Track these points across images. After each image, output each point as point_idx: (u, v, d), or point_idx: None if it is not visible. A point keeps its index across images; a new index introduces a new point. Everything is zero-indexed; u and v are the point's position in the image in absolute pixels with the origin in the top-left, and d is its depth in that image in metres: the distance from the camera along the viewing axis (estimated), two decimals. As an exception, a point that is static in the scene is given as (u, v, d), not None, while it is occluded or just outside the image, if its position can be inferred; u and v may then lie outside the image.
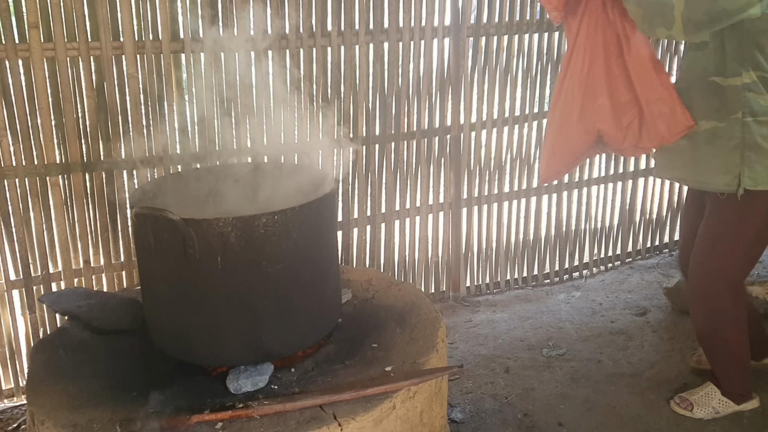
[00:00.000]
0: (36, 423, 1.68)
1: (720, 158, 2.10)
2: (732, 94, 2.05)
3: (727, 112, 2.07)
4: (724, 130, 2.08)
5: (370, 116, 3.07)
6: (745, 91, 2.03)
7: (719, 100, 2.08)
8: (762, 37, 1.97)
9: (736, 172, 2.08)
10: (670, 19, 1.85)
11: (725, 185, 2.11)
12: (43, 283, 2.66)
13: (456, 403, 2.61)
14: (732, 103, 2.05)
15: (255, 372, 1.77)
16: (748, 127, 2.04)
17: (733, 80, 2.03)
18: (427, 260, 3.47)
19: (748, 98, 2.03)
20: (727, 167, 2.09)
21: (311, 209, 1.77)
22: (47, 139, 2.53)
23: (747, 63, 2.01)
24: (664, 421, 2.48)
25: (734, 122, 2.06)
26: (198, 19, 2.62)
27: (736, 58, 2.01)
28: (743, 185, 2.07)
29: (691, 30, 1.89)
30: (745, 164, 2.06)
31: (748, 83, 2.02)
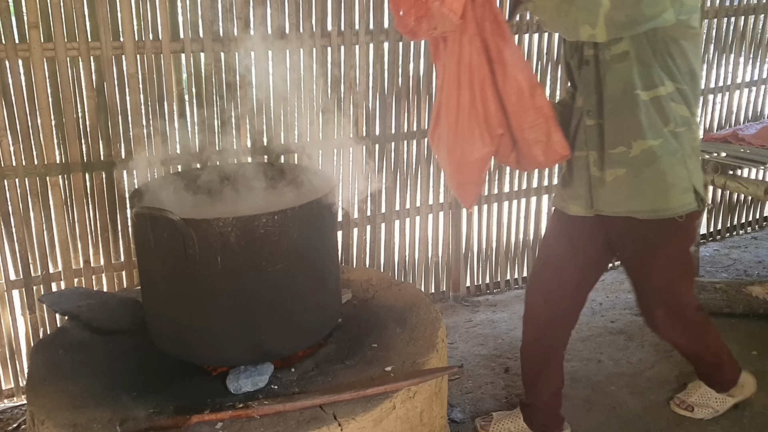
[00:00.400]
0: (36, 423, 1.68)
1: (670, 178, 1.94)
2: (659, 106, 1.91)
3: (659, 126, 1.92)
4: (662, 146, 1.92)
5: (370, 116, 3.07)
6: (669, 101, 1.91)
7: (648, 116, 1.91)
8: (673, 45, 1.86)
9: (690, 186, 1.96)
10: (595, 17, 1.74)
11: (687, 205, 1.96)
12: (43, 283, 2.66)
13: (456, 403, 2.61)
14: (661, 116, 1.92)
15: (255, 372, 1.77)
16: (682, 138, 1.94)
17: (657, 91, 1.90)
18: (427, 260, 3.47)
19: (673, 108, 1.92)
20: (682, 185, 1.95)
21: (311, 209, 1.77)
22: (47, 139, 2.53)
23: (664, 73, 1.90)
24: (664, 421, 2.48)
25: (669, 135, 1.93)
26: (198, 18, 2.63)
27: (655, 67, 1.89)
28: (702, 197, 1.98)
29: (612, 31, 1.78)
30: (693, 175, 1.97)
31: (670, 93, 1.91)
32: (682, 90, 1.92)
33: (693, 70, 1.93)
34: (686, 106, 1.94)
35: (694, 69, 1.93)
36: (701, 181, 2.01)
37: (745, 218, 4.38)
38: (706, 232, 4.21)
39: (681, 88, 1.92)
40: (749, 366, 2.80)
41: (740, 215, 4.35)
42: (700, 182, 2.00)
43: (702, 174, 2.04)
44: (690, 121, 1.96)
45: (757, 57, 4.10)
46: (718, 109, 4.10)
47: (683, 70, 1.91)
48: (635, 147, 1.92)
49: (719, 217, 4.28)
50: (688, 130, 1.96)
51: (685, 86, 1.92)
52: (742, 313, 3.20)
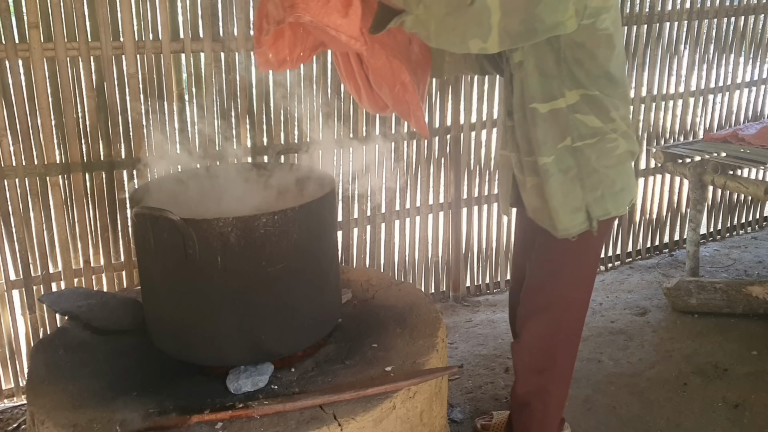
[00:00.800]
0: (36, 423, 1.68)
1: (556, 199, 1.82)
2: (557, 119, 1.77)
3: (552, 142, 1.79)
4: (553, 163, 1.80)
5: (370, 116, 3.07)
6: (571, 113, 1.76)
7: (543, 131, 1.79)
8: (579, 51, 1.70)
9: (583, 206, 1.82)
10: (486, 29, 1.57)
11: (578, 225, 1.83)
12: (43, 283, 2.66)
13: (456, 403, 2.61)
14: (557, 131, 1.78)
15: (255, 372, 1.77)
16: (582, 153, 1.79)
17: (555, 103, 1.76)
18: (427, 260, 3.47)
19: (575, 121, 1.77)
20: (572, 205, 1.82)
21: (311, 209, 1.77)
22: (47, 139, 2.53)
23: (568, 82, 1.74)
24: (664, 421, 2.48)
25: (563, 151, 1.79)
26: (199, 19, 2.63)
27: (556, 77, 1.74)
28: (595, 218, 1.82)
29: (507, 42, 1.62)
30: (589, 195, 1.81)
31: (572, 104, 1.76)
32: (593, 97, 1.76)
33: (609, 74, 1.75)
34: (596, 116, 1.78)
35: (611, 72, 1.75)
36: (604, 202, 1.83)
37: (745, 218, 4.38)
38: (706, 232, 4.22)
39: (591, 95, 1.76)
40: (749, 366, 2.81)
41: (740, 215, 4.36)
42: (600, 200, 1.82)
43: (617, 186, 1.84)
44: (603, 131, 1.79)
45: (757, 57, 4.10)
46: (718, 109, 4.10)
47: (595, 75, 1.74)
48: (540, 160, 1.82)
49: (719, 217, 4.29)
50: (601, 140, 1.80)
51: (598, 92, 1.76)
52: (742, 313, 3.20)
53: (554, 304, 1.97)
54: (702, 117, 4.04)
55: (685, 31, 3.81)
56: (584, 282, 1.98)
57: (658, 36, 3.70)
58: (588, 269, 1.97)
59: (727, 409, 2.54)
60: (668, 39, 3.75)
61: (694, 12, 3.76)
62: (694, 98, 3.97)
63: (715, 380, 2.73)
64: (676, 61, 3.83)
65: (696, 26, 3.81)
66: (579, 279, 1.96)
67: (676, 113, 3.96)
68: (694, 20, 3.79)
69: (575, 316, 2.00)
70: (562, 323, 1.98)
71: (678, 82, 3.90)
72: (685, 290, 3.27)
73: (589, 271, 1.97)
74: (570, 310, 1.98)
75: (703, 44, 3.89)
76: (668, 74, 3.83)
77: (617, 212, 1.87)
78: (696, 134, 4.03)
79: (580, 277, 1.96)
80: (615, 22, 1.72)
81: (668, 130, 3.96)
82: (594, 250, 1.95)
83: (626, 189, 1.89)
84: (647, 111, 3.82)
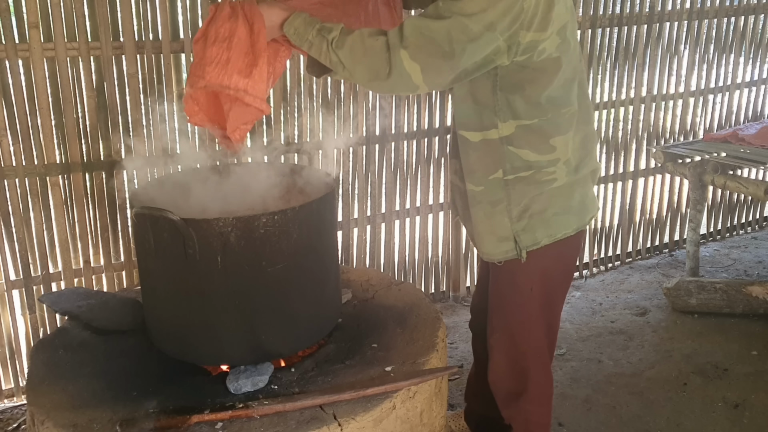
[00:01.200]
0: (36, 423, 1.68)
1: (489, 224, 1.77)
2: (487, 150, 1.69)
3: (483, 172, 1.72)
4: (483, 194, 1.74)
5: (370, 116, 3.07)
6: (504, 145, 1.67)
7: (476, 160, 1.72)
8: (519, 76, 1.60)
9: (510, 236, 1.75)
10: (413, 87, 1.54)
11: (503, 254, 1.78)
12: (43, 283, 2.66)
13: (456, 403, 2.61)
14: (489, 162, 1.70)
15: (255, 372, 1.77)
16: (513, 186, 1.70)
17: (488, 134, 1.67)
18: (427, 260, 3.47)
19: (508, 153, 1.67)
20: (501, 234, 1.76)
21: (311, 209, 1.77)
22: (47, 139, 2.53)
23: (502, 113, 1.64)
24: (664, 421, 2.48)
25: (494, 183, 1.71)
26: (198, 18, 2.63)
27: (490, 106, 1.64)
28: (523, 247, 1.74)
29: (439, 87, 1.60)
30: (516, 225, 1.74)
31: (506, 136, 1.66)
32: (530, 127, 1.65)
33: (552, 97, 1.64)
34: (531, 149, 1.67)
35: (554, 96, 1.64)
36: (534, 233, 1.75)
37: (745, 218, 4.38)
38: (706, 232, 4.22)
39: (527, 124, 1.65)
40: (749, 366, 2.81)
41: (740, 215, 4.36)
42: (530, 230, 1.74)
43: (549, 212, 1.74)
44: (539, 164, 1.69)
45: (757, 57, 4.10)
46: (718, 109, 4.11)
47: (535, 102, 1.63)
48: (467, 187, 1.79)
49: (719, 217, 4.29)
50: (536, 173, 1.69)
51: (537, 119, 1.65)
52: (742, 313, 3.20)
53: (509, 325, 1.90)
54: (702, 117, 4.04)
55: (685, 31, 3.81)
56: (530, 304, 1.85)
57: (658, 36, 3.70)
58: (527, 292, 1.83)
59: (727, 409, 2.54)
60: (668, 39, 3.75)
61: (694, 12, 3.76)
62: (694, 98, 3.97)
63: (715, 380, 2.73)
64: (676, 61, 3.83)
65: (696, 26, 3.81)
66: (523, 301, 1.85)
67: (676, 113, 3.96)
68: (694, 20, 3.79)
69: (535, 336, 1.90)
70: (522, 345, 1.91)
71: (678, 82, 3.90)
72: (685, 290, 3.28)
73: (533, 292, 1.83)
74: (528, 332, 1.89)
75: (703, 44, 3.89)
76: (668, 74, 3.83)
77: (551, 240, 1.75)
78: (696, 134, 4.03)
79: (522, 300, 1.85)
80: (562, 44, 1.59)
81: (668, 130, 3.96)
82: (533, 274, 1.81)
83: (562, 213, 1.76)
84: (647, 111, 3.82)
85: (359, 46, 1.53)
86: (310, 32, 1.58)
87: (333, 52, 1.55)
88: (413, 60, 1.49)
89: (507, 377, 1.97)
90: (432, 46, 1.48)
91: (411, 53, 1.49)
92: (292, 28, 1.60)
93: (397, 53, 1.49)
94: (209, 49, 1.65)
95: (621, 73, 3.69)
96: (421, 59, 1.49)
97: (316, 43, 1.57)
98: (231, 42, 1.64)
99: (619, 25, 3.58)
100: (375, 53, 1.51)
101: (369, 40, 1.52)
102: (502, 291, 1.89)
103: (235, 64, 1.63)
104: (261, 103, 1.67)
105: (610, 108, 3.73)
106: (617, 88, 3.71)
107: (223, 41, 1.64)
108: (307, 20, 1.60)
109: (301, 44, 1.61)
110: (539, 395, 1.98)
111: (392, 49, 1.49)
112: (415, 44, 1.48)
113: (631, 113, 3.81)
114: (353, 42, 1.53)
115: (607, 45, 3.59)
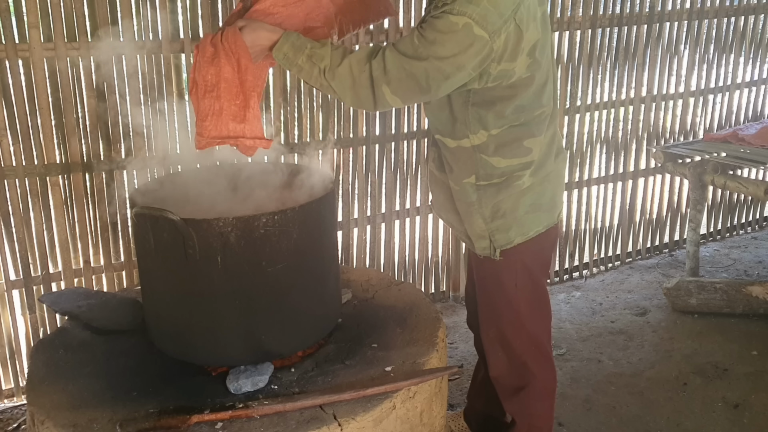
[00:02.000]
0: (36, 423, 1.68)
1: (468, 221, 1.85)
2: (462, 156, 1.77)
3: (459, 174, 1.80)
4: (460, 193, 1.82)
5: (370, 116, 3.07)
6: (477, 153, 1.74)
7: (452, 161, 1.81)
8: (491, 94, 1.67)
9: (486, 235, 1.82)
10: (390, 106, 1.66)
11: (482, 249, 1.85)
12: (43, 283, 2.66)
13: (456, 403, 2.61)
14: (464, 166, 1.78)
15: (255, 372, 1.77)
16: (485, 191, 1.78)
17: (461, 142, 1.75)
18: (427, 260, 3.47)
19: (481, 161, 1.75)
20: (478, 233, 1.83)
21: (311, 209, 1.77)
22: (47, 139, 2.53)
23: (473, 125, 1.71)
24: (664, 421, 2.48)
25: (467, 186, 1.79)
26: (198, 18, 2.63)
27: (461, 120, 1.72)
28: (498, 247, 1.82)
29: (410, 103, 1.77)
30: (490, 225, 1.80)
31: (477, 145, 1.73)
32: (502, 135, 1.72)
33: (523, 106, 1.70)
34: (503, 156, 1.74)
35: (525, 105, 1.70)
36: (507, 234, 1.81)
37: (745, 218, 4.38)
38: (706, 232, 4.22)
39: (498, 133, 1.71)
40: (749, 366, 2.81)
41: (740, 215, 4.36)
42: (501, 235, 1.81)
43: (521, 211, 1.80)
44: (511, 169, 1.75)
45: (757, 57, 4.10)
46: (718, 109, 4.11)
47: (508, 112, 1.69)
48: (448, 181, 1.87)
49: (719, 217, 4.29)
50: (508, 179, 1.76)
51: (508, 127, 1.71)
52: (742, 313, 3.20)
53: (500, 322, 1.93)
54: (702, 117, 4.04)
55: (685, 31, 3.81)
56: (517, 300, 1.89)
57: (658, 36, 3.70)
58: (512, 289, 1.88)
59: (727, 409, 2.54)
60: (668, 39, 3.75)
61: (694, 12, 3.76)
62: (694, 98, 3.97)
63: (715, 380, 2.73)
64: (676, 61, 3.83)
65: (696, 26, 3.81)
66: (510, 298, 1.89)
67: (676, 113, 3.96)
68: (694, 20, 3.79)
69: (528, 331, 1.93)
70: (516, 341, 1.93)
71: (678, 82, 3.90)
72: (685, 290, 3.28)
73: (518, 288, 1.88)
74: (520, 327, 1.92)
75: (703, 44, 3.89)
76: (668, 74, 3.83)
77: (524, 238, 1.82)
78: (696, 134, 4.03)
79: (509, 297, 1.89)
80: (532, 63, 1.64)
81: (668, 130, 3.96)
82: (515, 270, 1.86)
83: (532, 211, 1.82)
84: (647, 111, 3.82)
85: (348, 78, 1.63)
86: (299, 57, 1.65)
87: (324, 79, 1.64)
88: (394, 94, 1.62)
89: (508, 373, 1.99)
90: (411, 82, 1.60)
91: (392, 89, 1.61)
92: (281, 54, 1.66)
93: (380, 88, 1.61)
94: (201, 101, 1.68)
95: (621, 73, 3.69)
96: (401, 93, 1.62)
97: (306, 69, 1.65)
98: (219, 89, 1.67)
99: (619, 25, 3.58)
100: (362, 87, 1.62)
101: (356, 73, 1.62)
102: (489, 290, 1.95)
103: (228, 111, 1.68)
104: (261, 142, 1.73)
105: (610, 108, 3.73)
106: (617, 88, 3.71)
107: (212, 90, 1.67)
108: (295, 45, 1.65)
109: (290, 68, 1.68)
110: (541, 389, 2.01)
111: (376, 85, 1.61)
112: (396, 79, 1.60)
113: (631, 113, 3.81)
114: (342, 74, 1.63)
115: (607, 45, 3.59)
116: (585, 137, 3.68)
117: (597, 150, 3.76)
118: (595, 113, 3.69)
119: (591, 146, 3.72)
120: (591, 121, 3.68)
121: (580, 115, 3.61)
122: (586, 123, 3.65)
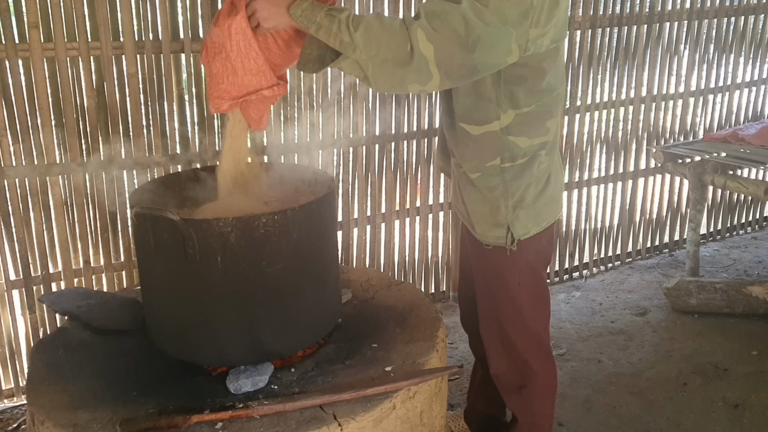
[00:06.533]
0: (36, 423, 1.68)
1: (486, 208, 1.80)
2: (488, 141, 1.73)
3: (480, 161, 1.76)
4: (479, 180, 1.78)
5: (370, 116, 3.07)
6: (504, 135, 1.71)
7: (474, 150, 1.76)
8: (523, 69, 1.64)
9: (505, 224, 1.78)
10: (426, 76, 1.52)
11: (495, 239, 1.81)
12: (43, 283, 2.66)
13: (456, 403, 2.61)
14: (487, 151, 1.74)
15: (255, 372, 1.77)
16: (509, 172, 1.75)
17: (490, 126, 1.71)
18: (427, 260, 3.47)
19: (508, 143, 1.72)
20: (495, 220, 1.79)
21: (311, 209, 1.77)
22: (47, 139, 2.53)
23: (504, 104, 1.68)
24: (664, 421, 2.49)
25: (491, 170, 1.75)
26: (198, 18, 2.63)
27: (493, 99, 1.68)
28: (516, 237, 1.78)
29: (448, 84, 1.58)
30: (511, 214, 1.78)
31: (506, 126, 1.70)
32: (528, 114, 1.70)
33: (551, 84, 1.70)
34: (528, 135, 1.72)
35: (552, 82, 1.70)
36: (526, 222, 1.79)
37: (745, 218, 4.38)
38: (706, 232, 4.22)
39: (526, 112, 1.70)
40: (749, 366, 2.81)
41: (740, 215, 4.36)
42: (522, 222, 1.79)
43: (540, 202, 1.80)
44: (533, 149, 1.75)
45: (757, 57, 4.10)
46: (718, 109, 4.11)
47: (536, 89, 1.68)
48: (465, 167, 1.82)
49: (719, 217, 4.29)
50: (531, 159, 1.76)
51: (534, 105, 1.70)
52: (742, 313, 3.20)
53: (502, 321, 1.92)
54: (702, 117, 4.04)
55: (685, 31, 3.81)
56: (519, 298, 1.87)
57: (658, 36, 3.70)
58: (515, 287, 1.86)
59: (727, 409, 2.55)
60: (668, 39, 3.75)
61: (694, 12, 3.76)
62: (694, 98, 3.97)
63: (715, 380, 2.73)
64: (676, 61, 3.83)
65: (696, 26, 3.81)
66: (512, 295, 1.87)
67: (676, 113, 3.96)
68: (694, 20, 3.79)
69: (529, 329, 1.91)
70: (517, 339, 1.92)
71: (678, 82, 3.90)
72: (685, 290, 3.28)
73: (521, 286, 1.86)
74: (521, 325, 1.91)
75: (703, 44, 3.89)
76: (668, 74, 3.83)
77: (538, 229, 1.81)
78: (696, 134, 4.03)
79: (512, 294, 1.87)
80: (558, 34, 1.63)
81: (668, 130, 3.97)
82: (519, 267, 1.85)
83: (550, 202, 1.82)
84: (647, 111, 3.82)
85: (375, 24, 1.49)
86: (318, 14, 1.53)
87: (346, 30, 1.49)
88: (429, 41, 1.47)
89: (509, 370, 1.99)
90: (448, 29, 1.47)
91: (428, 35, 1.47)
92: (299, 10, 1.55)
93: (414, 32, 1.47)
94: (212, 64, 1.69)
95: (621, 73, 3.69)
96: (437, 41, 1.48)
97: (325, 24, 1.51)
98: (227, 49, 1.65)
99: (619, 25, 3.58)
100: (393, 34, 1.48)
101: (387, 20, 1.50)
102: (491, 288, 1.92)
103: (242, 68, 1.67)
104: (279, 89, 1.72)
105: (610, 108, 3.73)
106: (617, 88, 3.71)
107: (220, 51, 1.67)
108: (314, 3, 1.57)
109: (308, 26, 1.55)
110: (543, 387, 2.01)
111: (410, 27, 1.48)
112: (433, 19, 1.47)
113: (631, 113, 3.81)
114: (369, 21, 1.49)
115: (607, 45, 3.59)
116: (585, 137, 3.68)
117: (597, 150, 3.76)
118: (595, 113, 3.69)
119: (591, 146, 3.72)
120: (591, 121, 3.68)
121: (580, 115, 3.61)
122: (586, 123, 3.65)
